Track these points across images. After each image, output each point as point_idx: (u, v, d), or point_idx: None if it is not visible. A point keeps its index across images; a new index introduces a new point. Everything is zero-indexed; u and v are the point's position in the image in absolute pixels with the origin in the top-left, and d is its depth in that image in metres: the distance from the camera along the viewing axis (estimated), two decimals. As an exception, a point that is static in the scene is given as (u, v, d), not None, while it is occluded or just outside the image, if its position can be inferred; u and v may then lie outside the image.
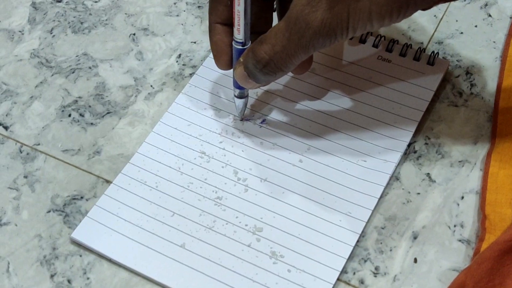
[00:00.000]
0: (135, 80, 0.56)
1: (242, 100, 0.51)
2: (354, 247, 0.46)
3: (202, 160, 0.50)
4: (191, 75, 0.56)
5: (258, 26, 0.48)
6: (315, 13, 0.41)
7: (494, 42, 0.57)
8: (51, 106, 0.55)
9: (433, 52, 0.55)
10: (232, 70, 0.49)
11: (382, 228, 0.47)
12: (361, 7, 0.41)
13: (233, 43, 0.48)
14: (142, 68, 0.57)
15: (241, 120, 0.52)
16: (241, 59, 0.46)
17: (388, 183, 0.49)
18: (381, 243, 0.46)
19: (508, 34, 0.57)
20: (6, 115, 0.54)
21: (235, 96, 0.51)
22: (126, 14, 0.61)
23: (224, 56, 0.49)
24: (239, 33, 0.47)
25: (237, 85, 0.50)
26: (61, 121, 0.54)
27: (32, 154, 0.52)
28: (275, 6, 0.50)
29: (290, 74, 0.52)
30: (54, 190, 0.50)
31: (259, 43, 0.45)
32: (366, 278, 0.45)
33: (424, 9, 0.43)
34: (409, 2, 0.41)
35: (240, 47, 0.48)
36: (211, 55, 0.56)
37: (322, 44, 0.43)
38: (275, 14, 0.51)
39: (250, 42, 0.48)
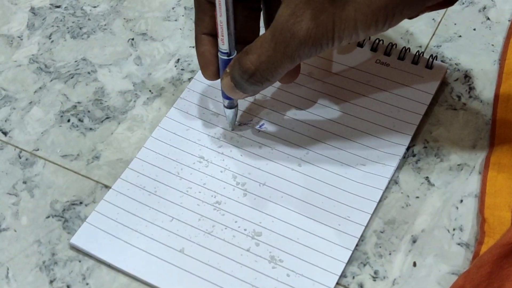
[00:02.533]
0: (134, 85, 0.56)
1: (232, 110, 0.51)
2: (353, 251, 0.46)
3: (201, 164, 0.50)
4: (189, 79, 0.56)
5: (245, 36, 0.48)
6: (300, 23, 0.41)
7: (493, 45, 0.57)
8: (50, 111, 0.55)
9: (431, 55, 0.55)
10: (219, 80, 0.49)
11: (381, 232, 0.47)
12: (347, 16, 0.41)
13: (219, 53, 0.48)
14: (140, 73, 0.57)
15: (232, 130, 0.52)
16: (228, 70, 0.46)
17: (387, 187, 0.49)
18: (380, 247, 0.46)
19: (506, 37, 0.57)
20: (5, 121, 0.54)
21: (224, 107, 0.51)
22: (124, 19, 0.61)
23: (211, 66, 0.49)
24: (223, 43, 0.47)
25: (225, 96, 0.50)
26: (60, 126, 0.54)
27: (31, 160, 0.52)
28: (262, 16, 0.50)
29: (278, 83, 0.53)
30: (53, 195, 0.50)
31: (245, 53, 0.44)
32: (365, 282, 0.45)
33: (410, 18, 0.43)
34: (394, 11, 0.41)
35: (226, 57, 0.47)
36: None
37: (308, 54, 0.43)
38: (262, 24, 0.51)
39: (235, 52, 0.48)
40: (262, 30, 0.50)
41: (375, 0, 0.40)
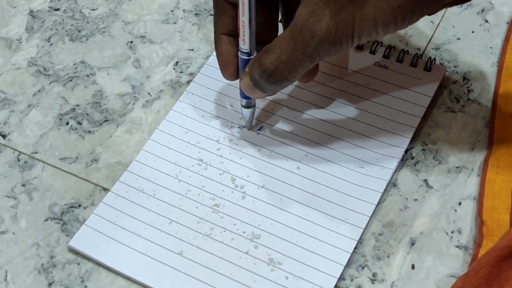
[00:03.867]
0: (132, 88, 0.56)
1: (250, 110, 0.51)
2: (351, 254, 0.46)
3: (200, 167, 0.50)
4: (188, 82, 0.56)
5: (263, 36, 0.48)
6: (319, 22, 0.41)
7: (491, 47, 0.57)
8: (48, 114, 0.55)
9: (430, 58, 0.55)
10: (238, 80, 0.49)
11: (380, 235, 0.47)
12: (366, 14, 0.41)
13: (239, 53, 0.48)
14: (139, 75, 0.57)
15: (249, 129, 0.52)
16: (247, 69, 0.46)
17: (385, 190, 0.49)
18: (378, 249, 0.46)
19: (505, 40, 0.57)
20: (4, 124, 0.54)
21: (242, 106, 0.51)
22: (123, 22, 0.61)
23: (231, 66, 0.49)
24: (244, 43, 0.47)
25: (243, 95, 0.50)
26: (59, 129, 0.54)
27: (30, 163, 0.52)
28: (280, 16, 0.50)
29: (295, 82, 0.52)
30: (52, 198, 0.50)
31: (264, 53, 0.45)
32: (364, 285, 0.45)
33: (429, 14, 0.43)
34: (414, 8, 0.41)
35: (246, 57, 0.48)
36: (208, 62, 0.57)
37: (327, 53, 0.43)
38: (280, 24, 0.51)
39: (255, 52, 0.48)
40: (280, 30, 0.50)
41: None
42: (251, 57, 0.47)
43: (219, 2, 0.48)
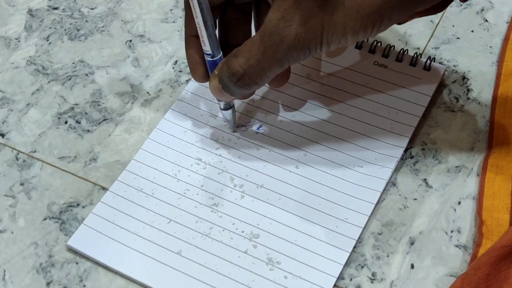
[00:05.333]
0: (131, 87, 0.56)
1: (229, 111, 0.51)
2: (350, 253, 0.46)
3: (199, 166, 0.50)
4: (187, 81, 0.56)
5: (236, 38, 0.48)
6: (289, 28, 0.41)
7: (491, 47, 0.57)
8: (47, 113, 0.55)
9: (429, 57, 0.55)
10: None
11: (379, 234, 0.47)
12: (335, 22, 0.41)
13: (204, 55, 0.48)
14: (138, 74, 0.57)
15: (234, 131, 0.52)
16: (216, 72, 0.46)
17: (384, 189, 0.49)
18: (378, 249, 0.46)
19: (504, 39, 0.57)
20: (3, 123, 0.54)
21: (220, 108, 0.51)
22: (122, 21, 0.61)
23: (200, 68, 0.49)
24: (204, 45, 0.47)
25: None
26: (58, 128, 0.54)
27: (29, 162, 0.52)
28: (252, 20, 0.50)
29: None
30: (51, 197, 0.50)
31: (233, 56, 0.44)
32: (363, 284, 0.45)
33: (399, 23, 0.43)
34: (383, 17, 0.41)
35: (210, 58, 0.47)
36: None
37: (296, 58, 0.43)
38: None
39: (221, 53, 0.47)
40: (253, 33, 0.50)
41: (364, 5, 0.40)
42: (215, 58, 0.47)
43: (188, 5, 0.48)
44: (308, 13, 0.41)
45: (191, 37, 0.49)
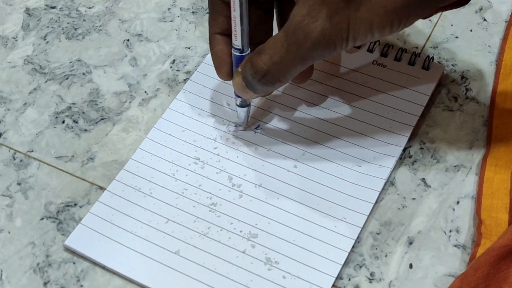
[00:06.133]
0: (129, 86, 0.56)
1: (244, 109, 0.51)
2: (349, 253, 0.45)
3: (197, 166, 0.50)
4: (185, 80, 0.56)
5: (258, 36, 0.48)
6: (314, 24, 0.41)
7: (489, 46, 0.57)
8: (44, 112, 0.54)
9: (428, 56, 0.55)
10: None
11: (378, 234, 0.47)
12: (362, 17, 0.40)
13: (232, 50, 0.48)
14: (136, 74, 0.57)
15: (245, 129, 0.52)
16: (239, 69, 0.46)
17: (383, 188, 0.48)
18: (376, 248, 0.46)
19: (503, 38, 0.57)
20: (0, 122, 0.54)
21: (236, 105, 0.51)
22: (120, 20, 0.61)
23: (225, 66, 0.49)
24: (236, 39, 0.47)
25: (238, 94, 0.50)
26: (55, 127, 0.54)
27: (26, 161, 0.52)
28: (275, 17, 0.50)
29: (290, 82, 0.52)
30: (48, 197, 0.50)
31: (257, 53, 0.44)
32: (362, 284, 0.45)
33: (424, 18, 0.43)
34: (409, 12, 0.41)
35: (239, 54, 0.47)
36: (205, 60, 0.56)
37: (321, 55, 0.43)
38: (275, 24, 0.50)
39: (249, 49, 0.47)
40: (275, 32, 0.49)
41: (391, 1, 0.40)
42: (243, 54, 0.47)
43: (213, 2, 0.48)
44: (334, 9, 0.40)
45: (216, 35, 0.48)
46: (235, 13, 0.46)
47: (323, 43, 0.42)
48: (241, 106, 0.50)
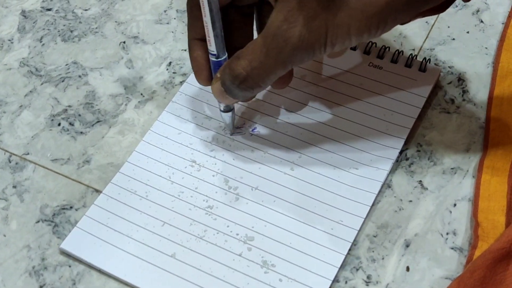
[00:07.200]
0: (125, 89, 0.56)
1: (229, 113, 0.51)
2: (346, 256, 0.45)
3: (193, 169, 0.50)
4: (181, 83, 0.56)
5: (238, 41, 0.48)
6: (293, 29, 0.41)
7: (486, 48, 0.57)
8: (40, 115, 0.54)
9: (424, 58, 0.54)
10: None
11: (374, 236, 0.47)
12: (340, 22, 0.40)
13: (209, 55, 0.47)
14: (132, 76, 0.57)
15: (232, 134, 0.52)
16: (218, 75, 0.46)
17: (380, 191, 0.48)
18: (373, 251, 0.46)
19: (500, 40, 0.57)
20: (-5, 125, 0.54)
21: (220, 110, 0.50)
22: (116, 22, 0.60)
23: (204, 71, 0.49)
24: (210, 44, 0.46)
25: None
26: (51, 130, 0.53)
27: (21, 164, 0.52)
28: (254, 22, 0.50)
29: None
30: (43, 200, 0.49)
31: (236, 58, 0.44)
32: (358, 287, 0.45)
33: (403, 24, 0.43)
34: (388, 17, 0.41)
35: (214, 59, 0.47)
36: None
37: (300, 60, 0.43)
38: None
39: (226, 54, 0.47)
40: (255, 36, 0.50)
41: (369, 6, 0.40)
42: (220, 59, 0.47)
43: (191, 8, 0.47)
44: (312, 14, 0.41)
45: (194, 40, 0.48)
46: (206, 19, 0.45)
47: (302, 48, 0.42)
48: (224, 111, 0.50)
